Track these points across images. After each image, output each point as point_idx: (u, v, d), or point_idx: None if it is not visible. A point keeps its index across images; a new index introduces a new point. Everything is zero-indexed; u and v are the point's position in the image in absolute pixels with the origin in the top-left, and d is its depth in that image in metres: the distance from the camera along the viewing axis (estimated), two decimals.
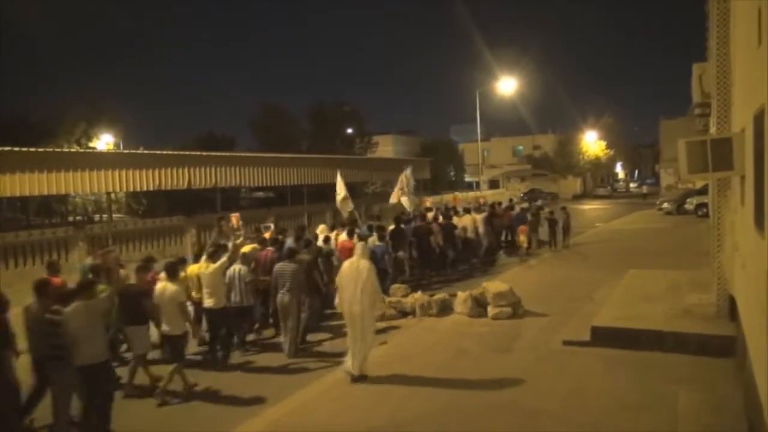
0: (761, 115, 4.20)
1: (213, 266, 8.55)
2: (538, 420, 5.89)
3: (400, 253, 13.63)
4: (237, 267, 8.91)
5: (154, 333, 7.78)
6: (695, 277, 10.99)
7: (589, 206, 43.09)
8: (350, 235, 12.43)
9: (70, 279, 7.90)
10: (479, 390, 6.81)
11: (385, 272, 12.00)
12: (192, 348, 8.33)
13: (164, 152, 20.41)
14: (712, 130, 9.55)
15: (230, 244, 9.65)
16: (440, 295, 11.07)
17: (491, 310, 10.07)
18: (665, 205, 31.64)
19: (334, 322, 10.01)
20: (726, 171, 6.65)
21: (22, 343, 6.23)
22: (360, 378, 7.30)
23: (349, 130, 47.37)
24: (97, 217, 30.33)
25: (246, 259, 9.29)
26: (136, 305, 7.40)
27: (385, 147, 60.60)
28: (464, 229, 15.78)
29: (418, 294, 11.15)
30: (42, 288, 6.39)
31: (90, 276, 7.71)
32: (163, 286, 7.46)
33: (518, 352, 8.24)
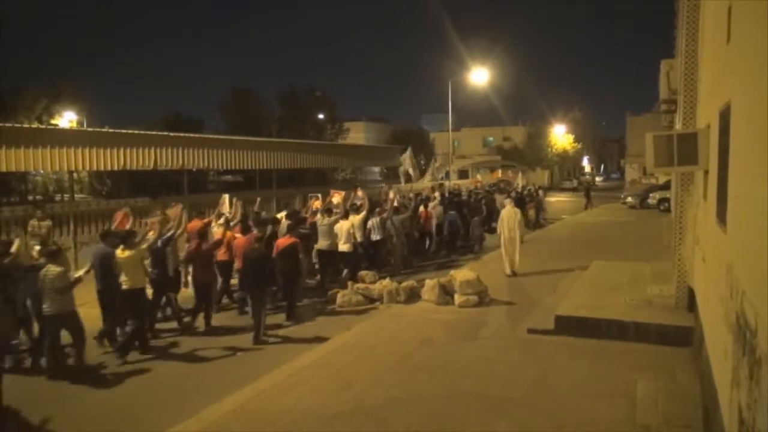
0: (727, 112, 4.27)
1: (329, 219, 12.22)
2: (502, 407, 5.96)
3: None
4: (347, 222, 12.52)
5: None
6: (656, 269, 11.27)
7: (556, 198, 43.70)
8: (425, 207, 16.36)
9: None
10: (444, 377, 6.86)
11: (458, 233, 16.91)
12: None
13: (130, 131, 19.66)
14: (677, 126, 9.75)
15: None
16: (408, 283, 11.12)
17: (458, 298, 10.15)
18: (629, 199, 32.28)
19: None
20: (690, 165, 6.80)
21: None
22: (514, 274, 12.53)
23: (320, 116, 46.92)
24: (58, 196, 29.43)
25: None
26: None
27: (356, 134, 60.37)
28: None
29: (386, 281, 11.17)
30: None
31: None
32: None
33: (484, 340, 8.33)
